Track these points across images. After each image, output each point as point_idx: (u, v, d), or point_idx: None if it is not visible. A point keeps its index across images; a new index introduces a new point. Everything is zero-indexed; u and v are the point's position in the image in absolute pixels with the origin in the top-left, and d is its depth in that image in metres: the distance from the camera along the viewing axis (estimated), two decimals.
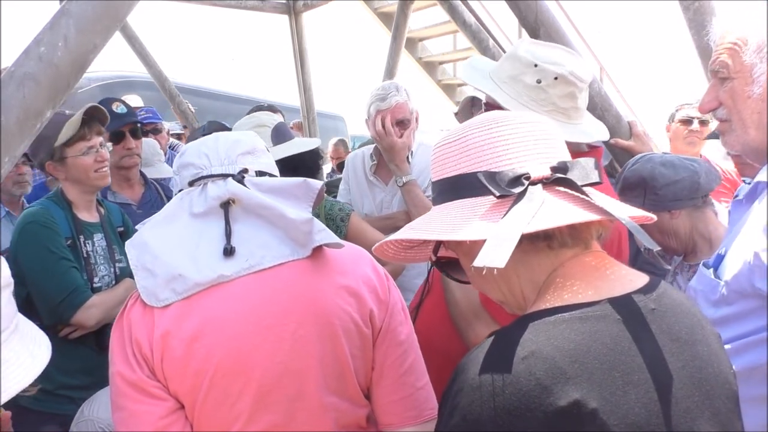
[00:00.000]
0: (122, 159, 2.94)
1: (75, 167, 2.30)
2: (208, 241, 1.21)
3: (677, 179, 2.01)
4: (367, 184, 2.93)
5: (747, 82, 1.23)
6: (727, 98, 1.28)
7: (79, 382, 2.19)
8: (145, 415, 1.14)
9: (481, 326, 1.50)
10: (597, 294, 0.87)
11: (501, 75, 1.79)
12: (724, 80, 1.28)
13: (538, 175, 0.93)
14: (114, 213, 2.55)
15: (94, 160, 2.32)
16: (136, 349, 1.16)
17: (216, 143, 1.32)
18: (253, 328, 1.17)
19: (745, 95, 1.24)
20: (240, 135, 1.37)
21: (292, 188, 1.31)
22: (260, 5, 7.02)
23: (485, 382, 0.80)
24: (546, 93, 1.72)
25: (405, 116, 2.73)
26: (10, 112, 1.66)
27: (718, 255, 1.29)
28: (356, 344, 1.23)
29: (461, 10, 6.20)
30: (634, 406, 0.78)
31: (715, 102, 1.32)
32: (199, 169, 1.29)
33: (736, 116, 1.28)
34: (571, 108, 1.76)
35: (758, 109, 1.24)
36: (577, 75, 1.71)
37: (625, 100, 10.00)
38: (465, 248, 1.00)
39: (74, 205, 2.34)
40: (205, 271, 1.17)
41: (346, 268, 1.27)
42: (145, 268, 1.19)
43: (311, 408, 1.20)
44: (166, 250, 1.19)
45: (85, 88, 8.31)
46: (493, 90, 1.78)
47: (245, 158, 1.32)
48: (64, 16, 1.78)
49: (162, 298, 1.16)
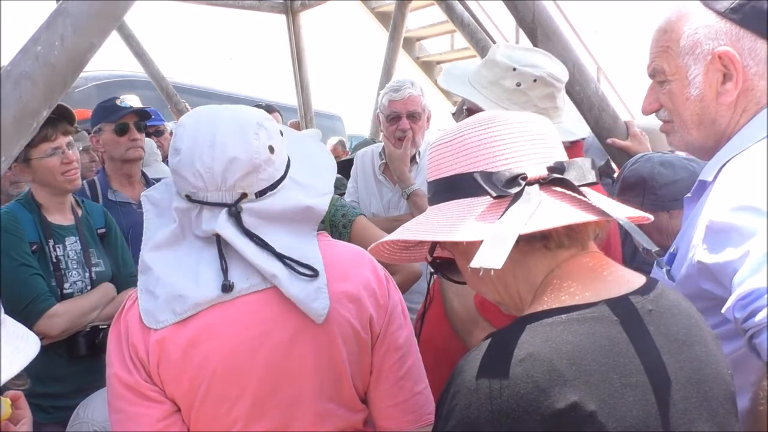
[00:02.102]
0: (127, 151, 2.87)
1: (41, 169, 2.20)
2: (208, 261, 1.19)
3: (676, 179, 2.01)
4: (376, 183, 2.93)
5: (684, 84, 1.24)
6: (667, 100, 1.29)
7: (49, 390, 2.14)
8: (142, 417, 1.14)
9: (480, 333, 1.51)
10: (594, 295, 0.87)
11: (480, 80, 1.84)
12: (662, 83, 1.28)
13: (534, 175, 0.92)
14: (95, 214, 2.45)
15: (60, 161, 2.22)
16: (132, 353, 1.15)
17: (212, 160, 1.16)
18: (250, 333, 1.16)
19: (683, 97, 1.25)
20: (238, 147, 1.17)
21: (293, 214, 1.23)
22: (257, 5, 7.01)
23: (482, 384, 0.80)
24: (526, 95, 1.77)
25: (416, 109, 2.77)
26: (7, 111, 1.66)
27: (670, 254, 1.29)
28: (354, 350, 1.22)
29: (459, 10, 6.21)
30: (632, 408, 0.78)
31: (656, 104, 1.33)
32: (194, 188, 1.19)
33: (677, 117, 1.28)
34: (551, 108, 1.81)
35: (697, 110, 1.24)
36: (555, 76, 1.77)
37: (622, 100, 10.01)
38: (461, 249, 1.00)
39: (44, 207, 2.25)
40: (205, 292, 1.15)
41: (346, 272, 1.25)
42: (148, 291, 1.18)
43: (307, 414, 1.20)
44: (168, 272, 1.18)
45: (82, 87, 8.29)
46: (474, 95, 1.83)
47: (244, 181, 1.18)
48: (61, 15, 1.77)
49: (161, 320, 1.15)
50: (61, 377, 2.14)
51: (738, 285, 1.00)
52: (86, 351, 2.24)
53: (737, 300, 0.99)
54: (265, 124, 1.22)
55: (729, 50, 1.17)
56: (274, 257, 1.18)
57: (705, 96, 1.22)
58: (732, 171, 1.15)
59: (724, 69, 1.19)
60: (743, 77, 1.18)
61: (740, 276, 1.00)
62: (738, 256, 1.02)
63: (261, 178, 1.20)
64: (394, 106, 2.79)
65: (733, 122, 1.22)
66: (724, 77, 1.20)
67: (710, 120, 1.24)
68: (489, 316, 1.49)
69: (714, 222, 1.09)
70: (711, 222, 1.10)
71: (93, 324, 2.26)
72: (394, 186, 2.86)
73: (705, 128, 1.25)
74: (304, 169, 1.32)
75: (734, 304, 1.00)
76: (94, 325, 2.26)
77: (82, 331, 2.23)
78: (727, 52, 1.17)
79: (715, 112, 1.23)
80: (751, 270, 0.98)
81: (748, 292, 0.97)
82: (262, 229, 1.20)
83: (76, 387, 2.19)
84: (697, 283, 1.15)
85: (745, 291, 0.98)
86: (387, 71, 6.60)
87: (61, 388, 2.11)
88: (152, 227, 1.25)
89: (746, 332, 0.98)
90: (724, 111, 1.22)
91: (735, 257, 1.03)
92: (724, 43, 1.18)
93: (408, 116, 2.76)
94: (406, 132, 2.76)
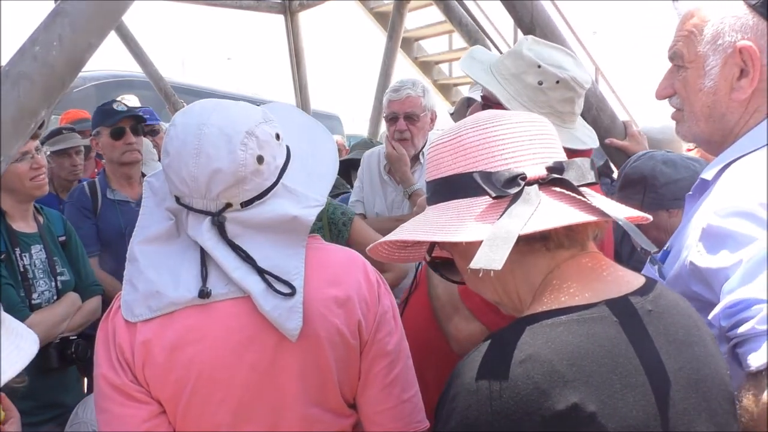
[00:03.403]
0: (123, 155, 2.87)
1: (8, 174, 2.10)
2: (191, 262, 1.18)
3: (678, 178, 2.01)
4: (380, 182, 2.94)
5: (699, 74, 1.21)
6: (681, 87, 1.26)
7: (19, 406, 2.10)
8: (129, 418, 1.14)
9: (460, 320, 1.51)
10: (594, 296, 0.87)
11: (502, 71, 1.78)
12: (679, 68, 1.26)
13: (534, 175, 0.92)
14: (54, 221, 2.39)
15: (29, 167, 2.16)
16: (119, 354, 1.15)
17: (197, 168, 1.13)
18: (236, 337, 1.15)
19: (696, 87, 1.22)
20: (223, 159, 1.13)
21: (279, 224, 1.19)
22: (256, 5, 7.01)
23: (482, 386, 0.80)
24: (546, 95, 1.72)
25: (414, 110, 2.76)
26: (5, 111, 1.65)
27: (664, 252, 1.28)
28: (342, 355, 1.21)
29: (457, 10, 6.21)
30: (632, 409, 0.78)
31: (669, 89, 1.29)
32: (180, 192, 1.18)
33: (688, 107, 1.26)
34: (568, 112, 1.76)
35: (708, 103, 1.21)
36: (578, 81, 1.72)
37: (621, 101, 10.02)
38: (461, 249, 0.99)
39: (8, 215, 2.18)
40: (182, 292, 1.14)
41: (337, 277, 1.23)
42: (130, 282, 1.17)
43: (293, 419, 1.19)
44: (151, 266, 1.17)
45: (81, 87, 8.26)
46: (494, 85, 1.77)
47: (228, 192, 1.15)
48: (59, 15, 1.77)
49: (137, 314, 1.15)
50: (32, 393, 2.04)
51: (727, 293, 0.99)
52: (58, 363, 2.18)
53: (724, 308, 0.98)
54: (256, 131, 1.16)
55: (751, 45, 1.14)
56: (254, 270, 1.16)
57: (719, 89, 1.19)
58: (734, 174, 1.13)
59: (743, 64, 1.16)
60: (760, 76, 1.15)
61: (730, 284, 0.99)
62: (731, 263, 1.01)
63: (246, 189, 1.16)
64: (392, 106, 2.80)
65: (743, 121, 1.20)
66: (741, 73, 1.16)
67: (720, 114, 1.21)
68: (472, 306, 1.49)
69: (711, 225, 1.08)
70: (708, 225, 1.09)
71: (63, 335, 2.21)
72: (398, 186, 2.86)
73: (714, 122, 1.23)
74: (301, 174, 1.27)
75: (721, 312, 0.99)
76: (63, 336, 2.21)
77: (52, 342, 2.18)
78: (749, 47, 1.14)
79: (726, 108, 1.20)
80: (742, 280, 0.98)
81: (736, 301, 0.97)
82: (245, 239, 1.18)
83: (49, 401, 2.13)
84: (687, 284, 1.13)
85: (733, 300, 0.97)
86: (385, 71, 6.61)
87: (33, 404, 2.02)
88: (148, 216, 1.23)
89: (730, 341, 0.98)
90: (736, 107, 1.19)
91: (728, 264, 1.02)
92: (748, 38, 1.14)
93: (405, 117, 2.76)
94: (403, 133, 2.77)
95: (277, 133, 1.22)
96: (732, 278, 1.00)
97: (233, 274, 1.15)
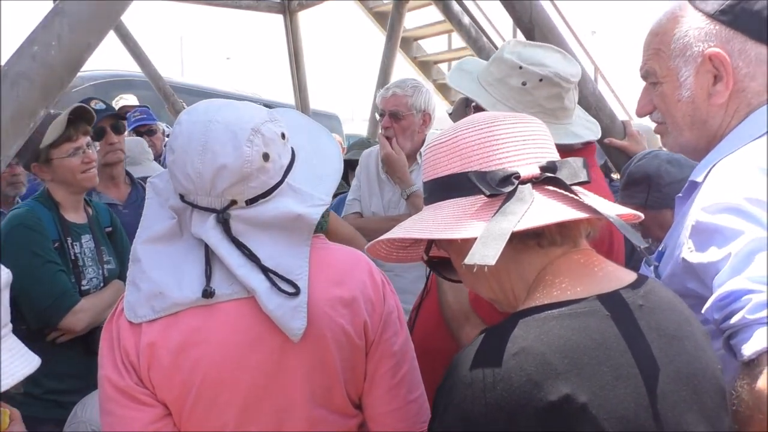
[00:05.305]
0: (106, 155, 2.86)
1: (61, 169, 2.25)
2: (195, 262, 1.17)
3: (682, 177, 2.02)
4: (378, 182, 2.94)
5: (675, 86, 1.24)
6: (660, 102, 1.29)
7: (67, 386, 2.16)
8: (133, 420, 1.14)
9: (471, 328, 1.51)
10: (586, 291, 0.88)
11: (488, 78, 1.79)
12: (654, 84, 1.29)
13: (527, 174, 0.94)
14: (102, 213, 2.51)
15: (81, 161, 2.28)
16: (124, 356, 1.15)
17: (202, 165, 1.13)
18: (241, 338, 1.15)
19: (674, 99, 1.25)
20: (229, 155, 1.13)
21: (284, 222, 1.18)
22: (255, 5, 7.02)
23: (477, 378, 0.81)
24: (531, 95, 1.72)
25: (398, 109, 2.74)
26: (4, 111, 1.65)
27: (659, 252, 1.30)
28: (347, 356, 1.21)
29: (456, 10, 6.22)
30: (623, 400, 0.79)
31: (649, 106, 1.33)
32: (185, 189, 1.17)
33: (669, 119, 1.29)
34: (558, 109, 1.76)
35: (689, 112, 1.25)
36: (562, 76, 1.70)
37: (620, 100, 10.04)
38: (456, 247, 1.01)
39: (61, 206, 2.29)
40: (186, 293, 1.14)
41: (342, 277, 1.23)
42: (133, 283, 1.17)
43: (299, 419, 1.19)
44: (155, 267, 1.17)
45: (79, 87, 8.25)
46: (478, 94, 1.78)
47: (233, 189, 1.15)
48: (58, 15, 1.77)
49: (140, 315, 1.14)
50: (79, 373, 2.16)
51: (718, 286, 1.01)
52: None
53: (716, 301, 1.00)
54: (262, 129, 1.16)
55: (719, 51, 1.17)
56: (258, 269, 1.15)
57: (696, 97, 1.23)
58: (720, 172, 1.15)
59: (715, 70, 1.19)
60: (734, 78, 1.18)
61: (720, 278, 1.01)
62: (720, 257, 1.03)
63: (252, 186, 1.16)
64: (381, 103, 2.83)
65: (725, 123, 1.23)
66: (715, 78, 1.20)
67: (701, 121, 1.24)
68: (482, 313, 1.50)
69: (699, 222, 1.10)
70: (697, 222, 1.11)
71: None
72: (395, 186, 2.87)
73: (697, 129, 1.26)
74: (306, 174, 1.27)
75: (713, 305, 1.01)
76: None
77: (99, 327, 2.23)
78: (718, 53, 1.17)
79: (706, 114, 1.23)
80: (731, 272, 0.99)
81: (726, 293, 0.98)
82: (250, 237, 1.18)
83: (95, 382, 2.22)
84: (682, 281, 1.15)
85: (723, 292, 0.99)
86: (384, 71, 6.61)
87: (80, 383, 2.12)
88: (152, 216, 1.23)
89: (723, 333, 0.99)
90: (716, 112, 1.22)
91: (717, 258, 1.04)
92: (714, 45, 1.18)
93: (390, 115, 2.75)
94: (387, 130, 2.76)
95: (283, 132, 1.22)
96: (722, 271, 1.01)
97: (237, 272, 1.14)
